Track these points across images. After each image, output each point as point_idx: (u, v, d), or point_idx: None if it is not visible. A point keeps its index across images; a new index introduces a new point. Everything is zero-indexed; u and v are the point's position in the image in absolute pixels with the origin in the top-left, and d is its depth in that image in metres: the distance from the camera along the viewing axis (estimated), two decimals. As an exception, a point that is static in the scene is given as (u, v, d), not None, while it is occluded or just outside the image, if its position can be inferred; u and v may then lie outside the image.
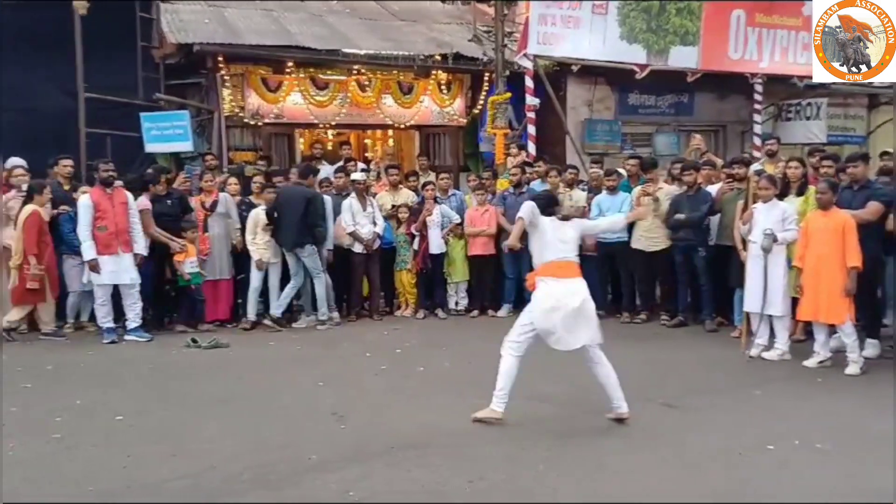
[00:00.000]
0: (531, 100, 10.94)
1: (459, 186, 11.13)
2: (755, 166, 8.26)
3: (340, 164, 10.47)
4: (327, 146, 12.56)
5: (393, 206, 9.45)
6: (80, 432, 5.10)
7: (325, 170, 10.20)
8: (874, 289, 6.99)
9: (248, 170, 10.24)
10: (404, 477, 4.29)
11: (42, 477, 4.35)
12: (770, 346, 7.03)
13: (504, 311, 9.20)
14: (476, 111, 12.58)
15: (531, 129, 11.00)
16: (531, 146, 10.88)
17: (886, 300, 7.25)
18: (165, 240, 8.31)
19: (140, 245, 8.02)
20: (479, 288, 9.56)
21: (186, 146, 11.01)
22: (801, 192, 7.46)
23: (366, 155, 13.38)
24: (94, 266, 7.78)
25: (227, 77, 11.11)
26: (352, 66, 11.74)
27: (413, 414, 5.45)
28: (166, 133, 10.86)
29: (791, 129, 13.15)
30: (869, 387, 6.12)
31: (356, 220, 8.95)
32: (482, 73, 12.26)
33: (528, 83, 10.91)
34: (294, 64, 11.39)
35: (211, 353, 7.50)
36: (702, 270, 8.26)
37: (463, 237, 9.43)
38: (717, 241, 8.21)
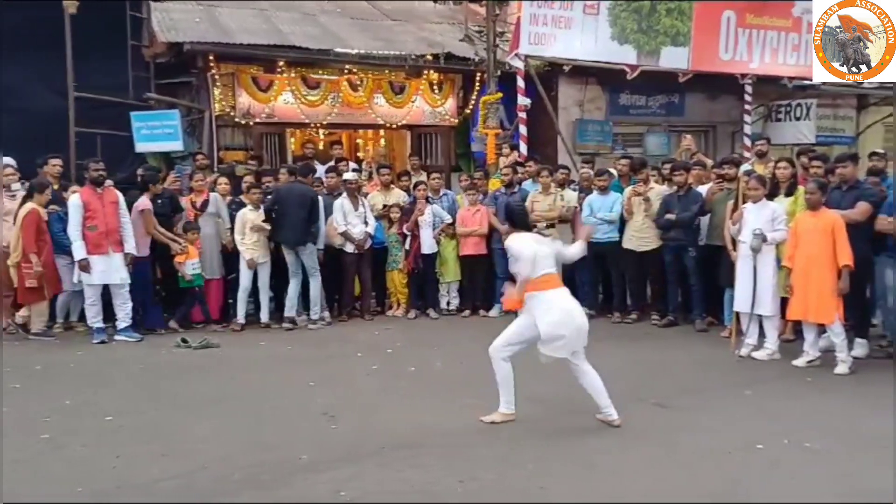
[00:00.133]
0: (522, 100, 10.95)
1: (451, 186, 11.14)
2: (745, 167, 8.29)
3: (332, 163, 10.46)
4: (319, 146, 12.55)
5: (384, 206, 9.43)
6: (70, 432, 5.08)
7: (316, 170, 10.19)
8: (863, 289, 7.02)
9: (239, 169, 10.24)
10: (396, 477, 4.29)
11: (31, 477, 4.33)
12: (760, 346, 7.07)
13: (495, 311, 9.19)
14: (468, 111, 12.60)
15: (522, 129, 11.01)
16: (523, 146, 10.88)
17: (875, 300, 7.29)
18: (167, 241, 8.29)
19: (130, 245, 7.98)
20: (470, 288, 9.56)
21: (177, 146, 10.99)
22: (791, 192, 7.49)
23: (357, 155, 13.39)
24: (84, 266, 7.75)
25: (217, 76, 11.09)
26: (343, 66, 11.74)
27: (404, 414, 5.44)
28: (156, 132, 10.83)
29: (781, 130, 13.22)
30: (858, 386, 6.17)
31: (348, 220, 8.93)
32: (474, 73, 12.28)
33: (520, 83, 10.93)
34: (285, 63, 11.38)
35: (201, 353, 7.49)
36: (692, 270, 8.29)
37: (454, 237, 9.44)
38: (707, 241, 8.24)
